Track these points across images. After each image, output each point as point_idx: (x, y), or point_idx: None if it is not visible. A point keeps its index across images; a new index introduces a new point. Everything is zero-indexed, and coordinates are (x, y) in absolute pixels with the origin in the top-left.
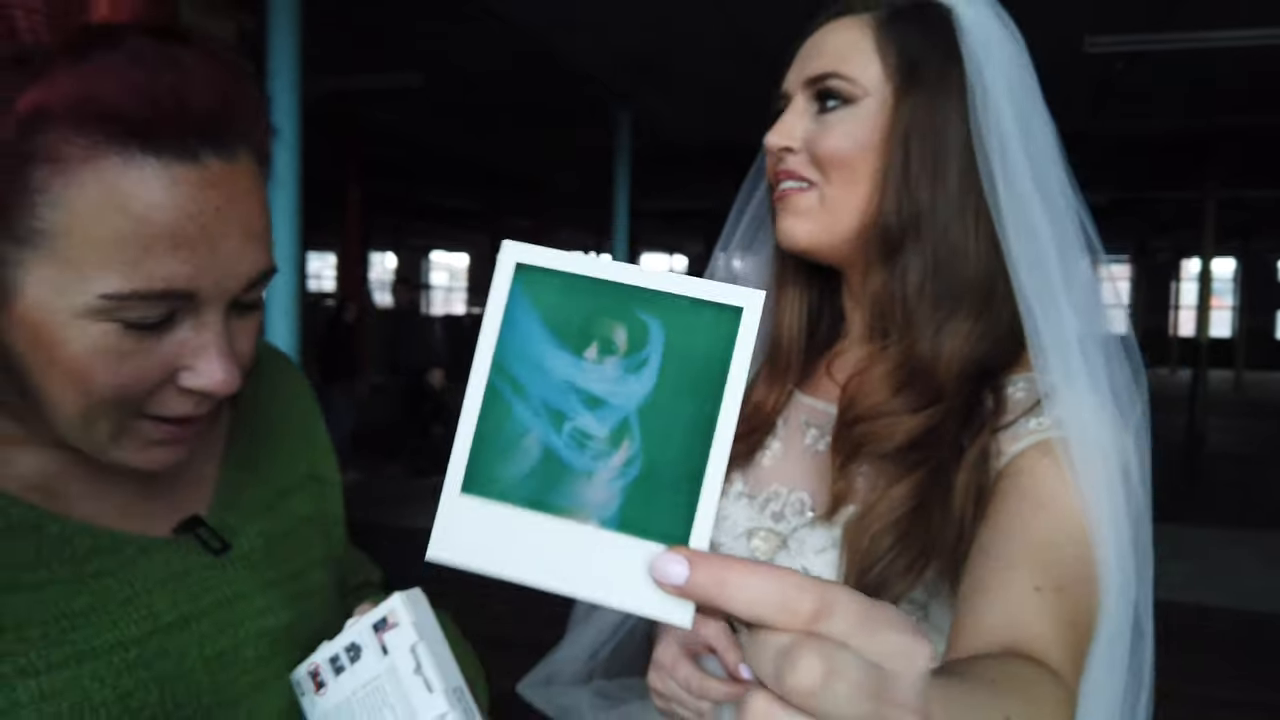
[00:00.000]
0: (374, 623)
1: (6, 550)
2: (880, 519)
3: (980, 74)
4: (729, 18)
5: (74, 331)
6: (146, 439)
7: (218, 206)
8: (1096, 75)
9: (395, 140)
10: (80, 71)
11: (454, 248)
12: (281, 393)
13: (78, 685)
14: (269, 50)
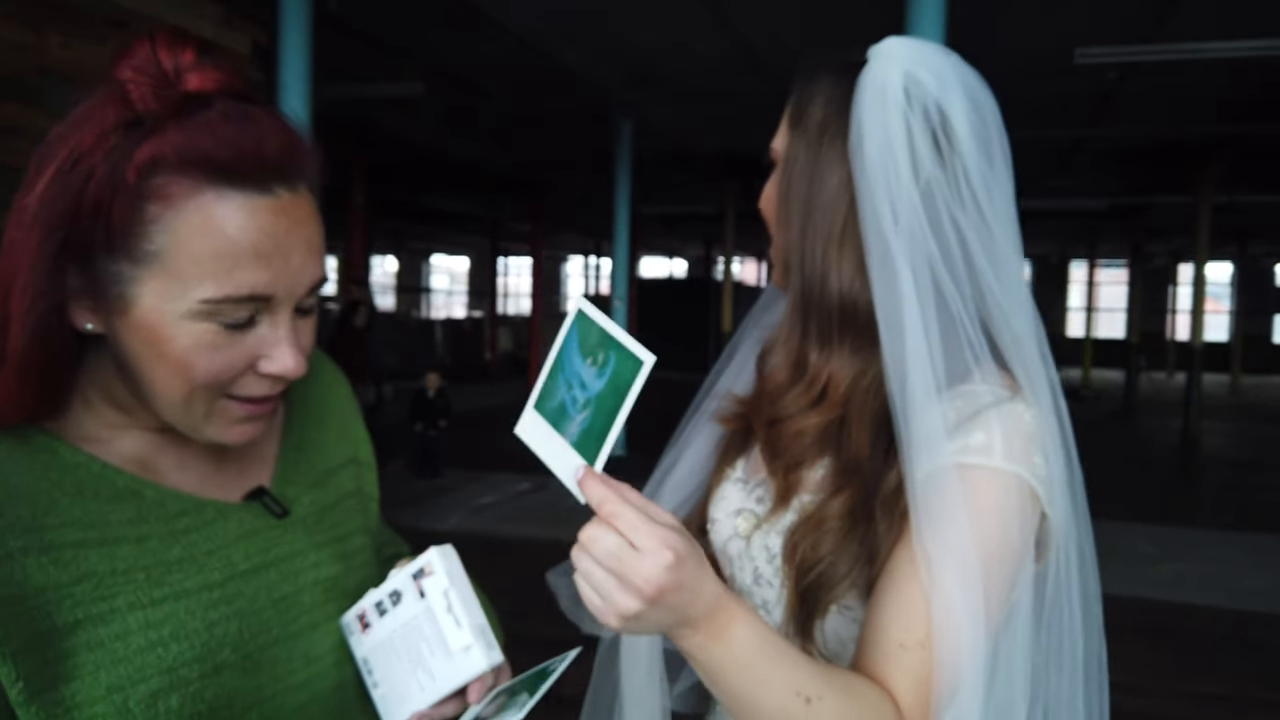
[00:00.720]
0: (413, 572)
1: (116, 510)
2: (819, 526)
3: (859, 119)
4: (730, 29)
5: (179, 330)
6: (231, 418)
7: (287, 228)
8: (1091, 85)
9: (398, 146)
10: (184, 128)
11: (455, 251)
12: (326, 386)
13: (175, 617)
14: (281, 63)
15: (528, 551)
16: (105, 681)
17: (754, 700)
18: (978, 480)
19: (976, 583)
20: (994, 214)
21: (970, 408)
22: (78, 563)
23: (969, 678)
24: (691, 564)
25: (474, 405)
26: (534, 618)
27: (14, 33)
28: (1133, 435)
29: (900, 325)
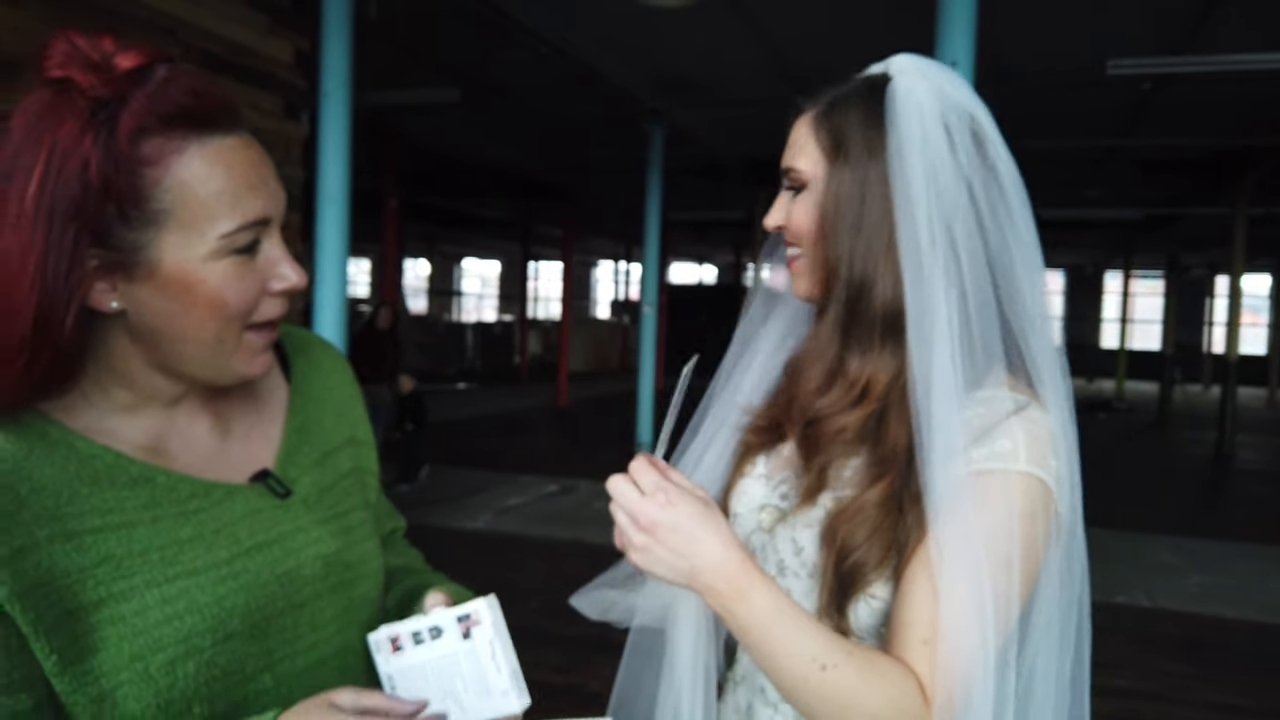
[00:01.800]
0: (458, 615)
1: (131, 497)
2: (855, 515)
3: (898, 135)
4: (762, 38)
5: (206, 272)
6: (251, 349)
7: (259, 159)
8: (1124, 96)
9: (432, 151)
10: (148, 94)
11: (486, 255)
12: (327, 373)
13: (188, 593)
14: (322, 70)
15: (554, 552)
16: (128, 652)
17: (775, 662)
18: (1006, 484)
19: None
20: (1023, 219)
21: (993, 414)
22: (98, 547)
23: (982, 674)
24: (689, 512)
25: (504, 408)
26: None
27: None
28: (1166, 447)
29: (930, 335)
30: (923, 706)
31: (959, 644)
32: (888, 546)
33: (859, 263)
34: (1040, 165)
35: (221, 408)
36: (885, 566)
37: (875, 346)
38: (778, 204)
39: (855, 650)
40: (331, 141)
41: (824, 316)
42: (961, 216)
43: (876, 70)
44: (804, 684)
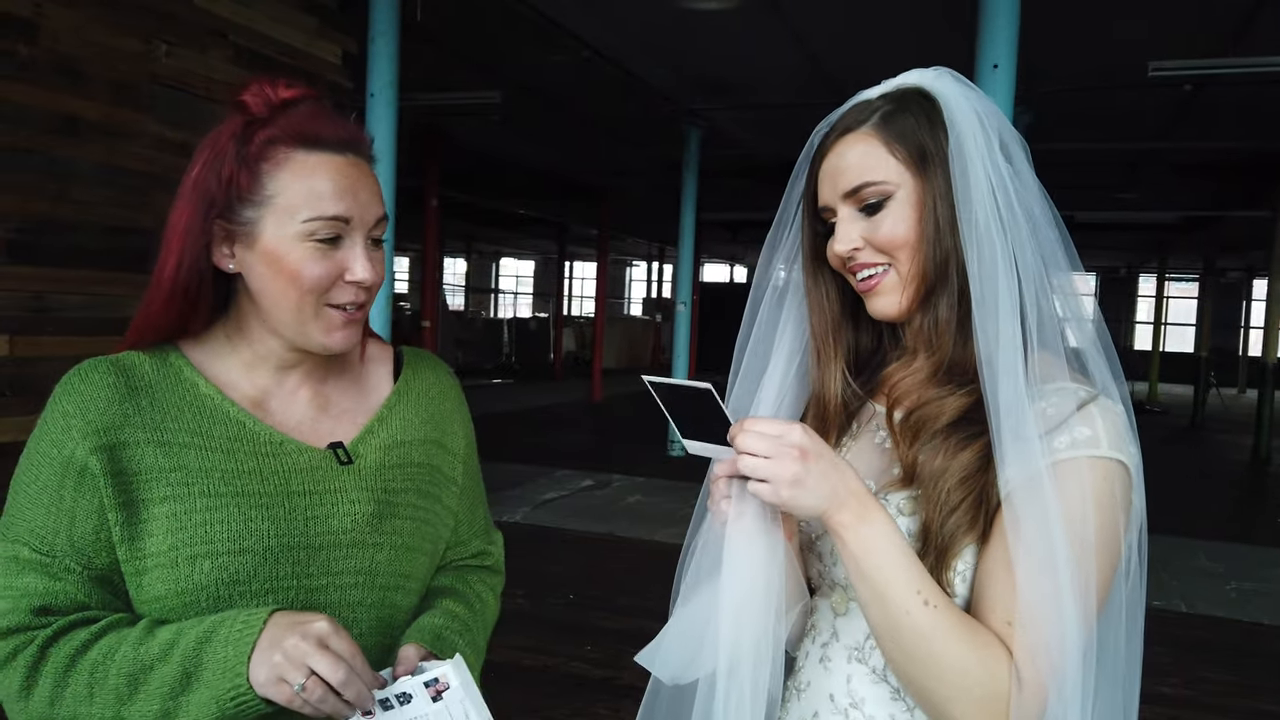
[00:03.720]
0: (425, 681)
1: (220, 429)
2: (953, 477)
3: (958, 137)
4: (800, 43)
5: (291, 249)
6: (331, 323)
7: (355, 176)
8: (1164, 98)
9: (473, 152)
10: (287, 117)
11: (522, 254)
12: (430, 383)
13: (224, 508)
14: (369, 72)
15: (589, 545)
16: (166, 543)
17: (884, 587)
18: (1093, 470)
19: (1082, 569)
20: (1047, 222)
21: (1067, 404)
22: (179, 456)
23: (1071, 664)
24: (821, 440)
25: (540, 404)
26: (594, 609)
27: (126, 43)
28: (1201, 452)
29: (995, 316)
30: (1009, 681)
31: (1041, 632)
32: (976, 512)
33: (961, 255)
34: (1075, 168)
35: (326, 389)
36: (974, 534)
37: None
38: (845, 227)
39: (956, 605)
40: (378, 142)
41: (922, 320)
42: (1008, 213)
43: (895, 85)
44: (906, 617)
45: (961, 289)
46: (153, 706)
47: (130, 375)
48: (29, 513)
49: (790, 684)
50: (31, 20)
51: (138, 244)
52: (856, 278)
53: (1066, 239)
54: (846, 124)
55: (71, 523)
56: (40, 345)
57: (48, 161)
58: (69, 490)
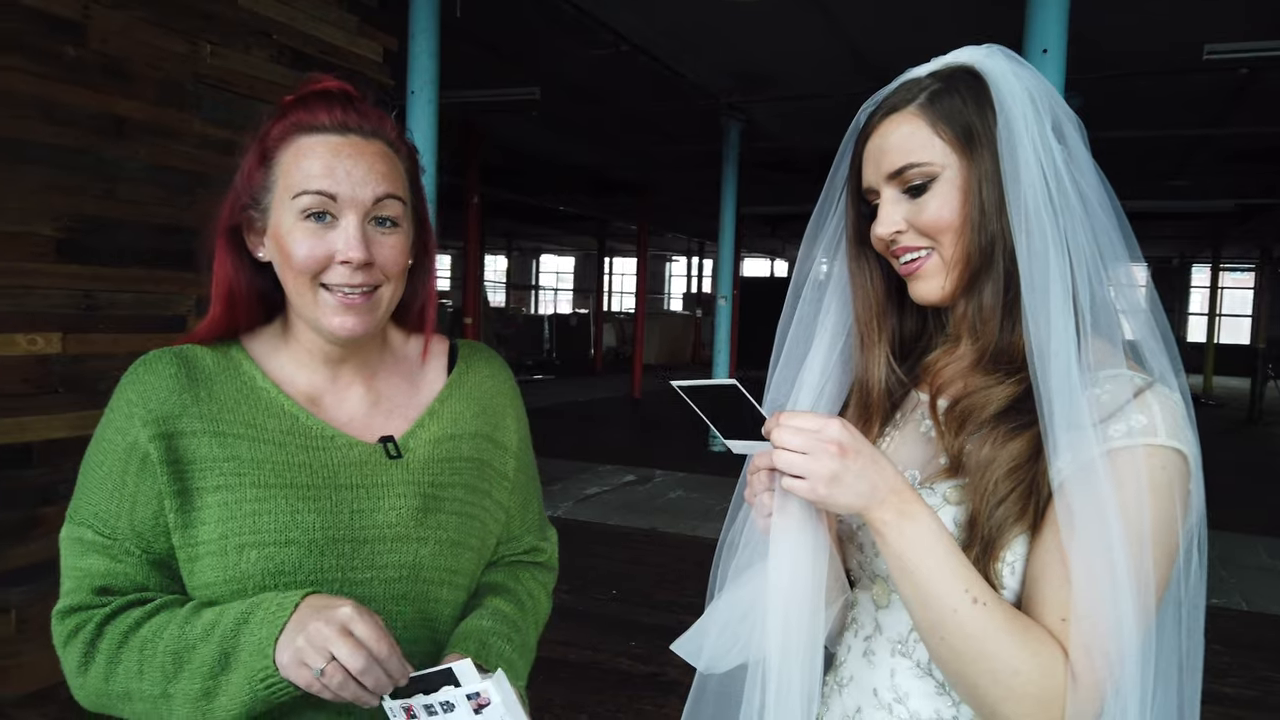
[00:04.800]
0: (467, 693)
1: (274, 423)
2: (1001, 467)
3: (1007, 117)
4: (840, 33)
5: (288, 229)
6: (331, 307)
7: (350, 154)
8: (1219, 82)
9: (512, 149)
10: (297, 111)
11: (562, 250)
12: (483, 377)
13: (273, 500)
14: (409, 70)
15: (631, 540)
16: (217, 531)
17: (929, 585)
18: (1149, 459)
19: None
20: (1102, 206)
21: (1122, 390)
22: (233, 447)
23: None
24: (859, 434)
25: (580, 399)
26: (638, 604)
27: (172, 43)
28: (1259, 445)
29: (1046, 301)
30: (1064, 679)
31: (1096, 627)
32: (1026, 503)
33: (1009, 239)
34: (1126, 155)
35: (378, 384)
36: (1023, 524)
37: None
38: (889, 209)
39: (1006, 602)
40: (418, 139)
41: (967, 305)
42: (1060, 196)
43: (944, 63)
44: (953, 616)
45: (1008, 274)
46: (195, 685)
47: (192, 366)
48: (94, 496)
49: (831, 679)
50: (79, 22)
51: (184, 242)
52: (899, 261)
53: (1124, 223)
54: (892, 103)
55: (133, 508)
56: (91, 342)
57: (96, 161)
58: (131, 476)
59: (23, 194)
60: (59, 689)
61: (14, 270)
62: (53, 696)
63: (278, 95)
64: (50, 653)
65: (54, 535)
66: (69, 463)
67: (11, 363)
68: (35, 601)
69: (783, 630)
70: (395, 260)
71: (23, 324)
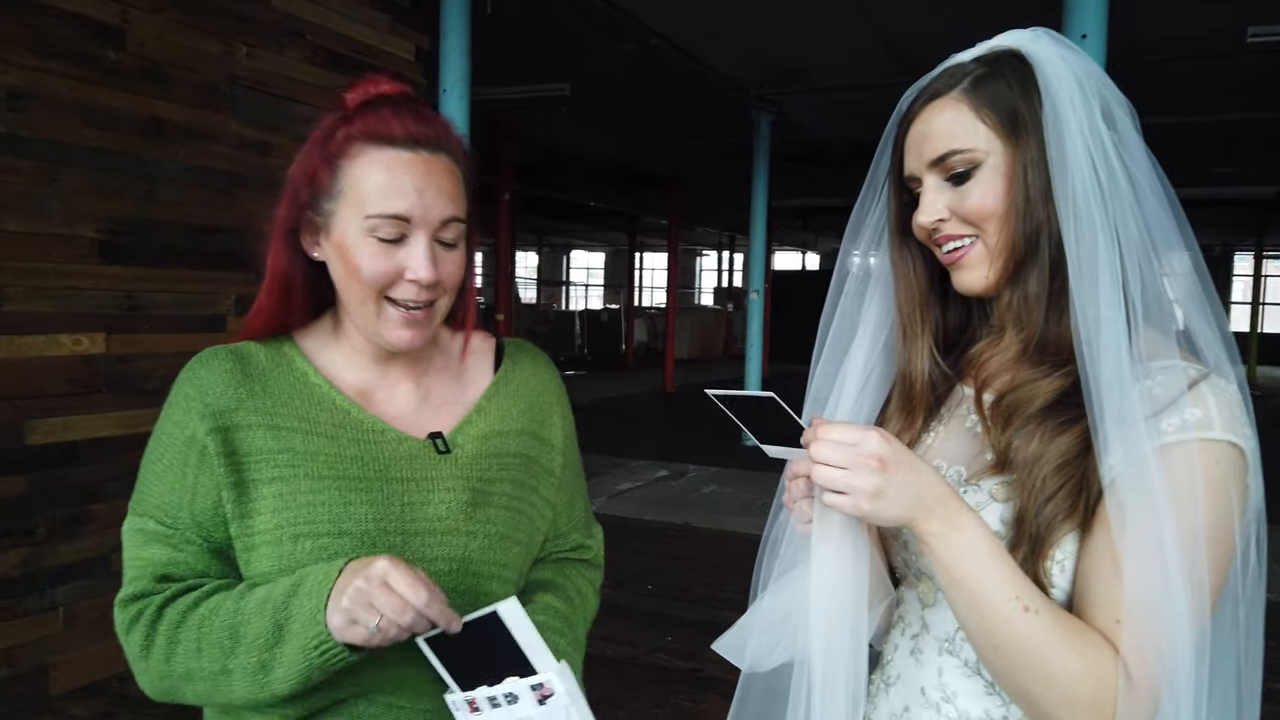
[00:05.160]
0: (531, 684)
1: (327, 416)
2: (1049, 463)
3: (1053, 102)
4: (872, 22)
5: (355, 243)
6: (394, 321)
7: (423, 174)
8: (1263, 65)
9: (541, 144)
10: (364, 116)
11: (592, 246)
12: (529, 375)
13: (327, 492)
14: (441, 68)
15: (666, 536)
16: (272, 521)
17: (979, 595)
18: (1204, 454)
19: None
20: (1154, 192)
21: (1176, 383)
22: (287, 440)
23: (1180, 662)
24: (900, 444)
25: (613, 394)
26: (675, 600)
27: (208, 46)
28: None
29: (1094, 290)
30: (1118, 683)
31: (1150, 628)
32: (1076, 500)
33: (1055, 226)
34: (1167, 142)
35: (427, 380)
36: (1073, 522)
37: (1069, 308)
38: (931, 197)
39: (1057, 606)
40: None
41: (1011, 295)
42: (1109, 183)
43: (988, 47)
44: (1005, 625)
45: (1055, 263)
46: (252, 659)
47: (246, 362)
48: (155, 489)
49: (877, 677)
50: (119, 27)
51: (223, 242)
52: (942, 250)
53: (1178, 210)
54: (935, 89)
55: (193, 498)
56: (134, 342)
57: (136, 163)
58: (191, 469)
59: (66, 197)
60: (108, 683)
61: (59, 272)
62: (102, 690)
63: (313, 95)
64: (98, 647)
65: (101, 532)
66: (115, 461)
67: (57, 363)
68: (83, 598)
69: (826, 636)
70: (456, 275)
71: (68, 325)
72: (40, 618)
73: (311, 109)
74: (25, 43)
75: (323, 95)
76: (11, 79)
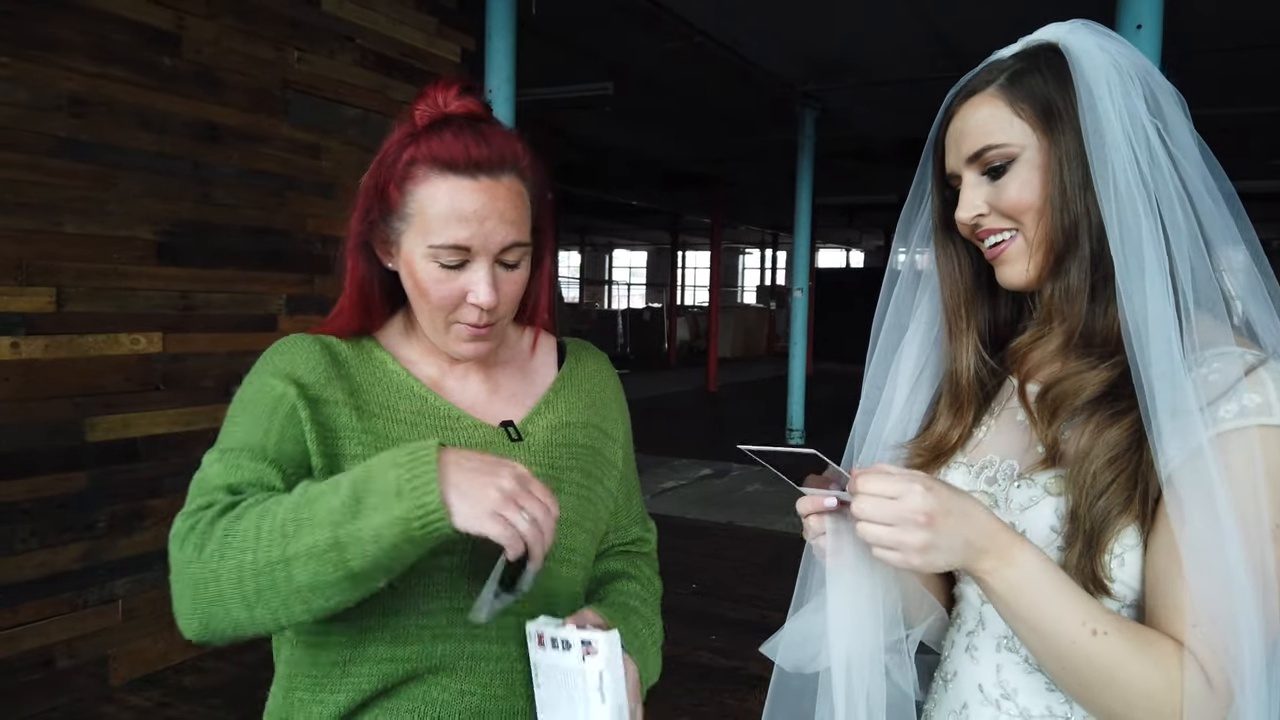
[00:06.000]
0: (582, 639)
1: (406, 403)
2: (1100, 457)
3: (1090, 92)
4: (921, 15)
5: (420, 267)
6: (460, 336)
7: (484, 202)
8: None
9: (584, 143)
10: (429, 138)
11: (634, 245)
12: (591, 371)
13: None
14: (487, 69)
15: (709, 535)
16: None
17: (1043, 626)
18: (1264, 440)
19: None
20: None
21: (1232, 369)
22: (369, 421)
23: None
24: (944, 490)
25: (655, 393)
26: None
27: (261, 50)
28: None
29: (1141, 279)
30: (1200, 692)
31: (1220, 629)
32: (1131, 493)
33: (1095, 217)
34: (1227, 134)
35: (495, 373)
36: (1130, 515)
37: (1114, 297)
38: (970, 193)
39: (1125, 621)
40: None
41: (1053, 287)
42: (1153, 172)
43: (1028, 43)
44: (1073, 648)
45: (1095, 254)
46: (321, 536)
47: (331, 349)
48: (238, 433)
49: (936, 674)
50: (175, 33)
51: (274, 243)
52: (985, 245)
53: (1232, 200)
54: (972, 86)
55: (280, 441)
56: (189, 342)
57: (192, 167)
58: (279, 419)
59: (125, 200)
60: (164, 674)
61: (118, 273)
62: (158, 682)
63: (362, 98)
64: (155, 639)
65: (159, 527)
66: (173, 457)
67: (116, 362)
68: (141, 591)
69: (845, 671)
70: (515, 295)
71: (126, 324)
72: (100, 610)
73: (361, 111)
74: (86, 50)
75: (372, 98)
76: (73, 85)
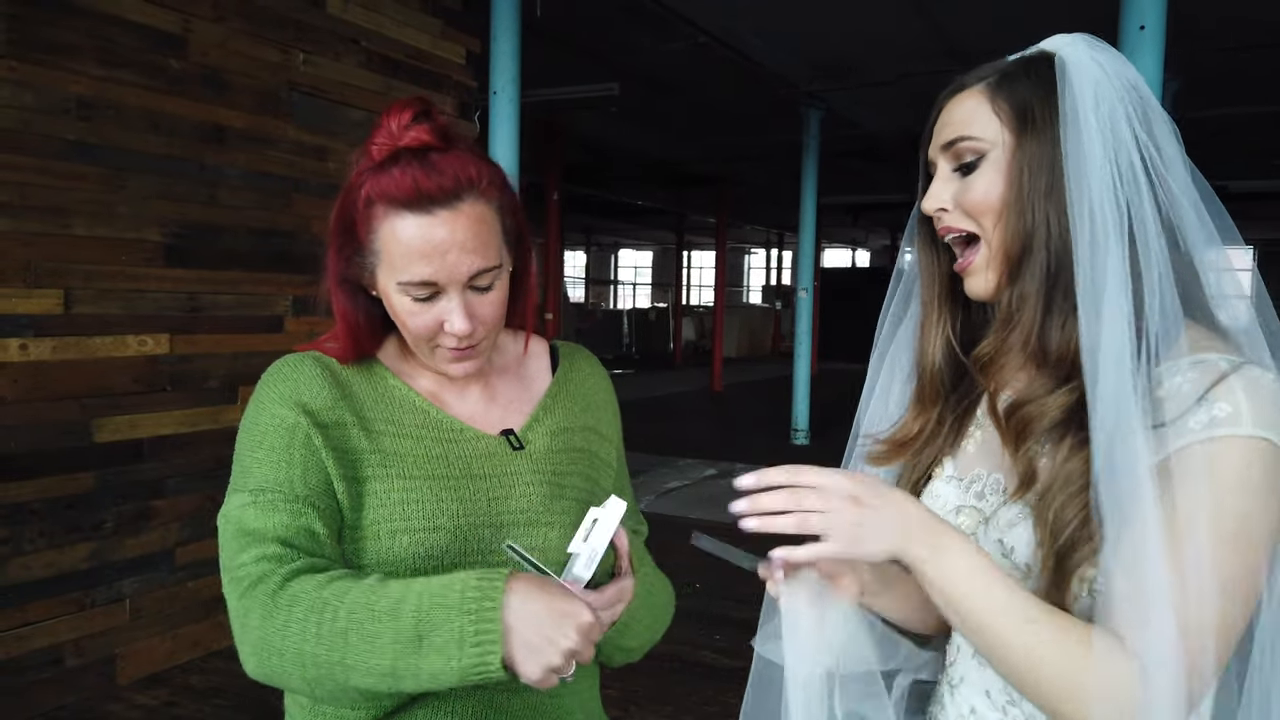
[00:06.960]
0: (594, 518)
1: (410, 418)
2: (1061, 492)
3: (1074, 104)
4: (926, 16)
5: (395, 300)
6: (446, 357)
7: (442, 237)
8: None
9: (589, 144)
10: (379, 177)
11: (639, 245)
12: (585, 375)
13: (418, 489)
14: (492, 71)
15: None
16: (371, 517)
17: (979, 619)
18: (1229, 451)
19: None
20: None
21: (1207, 377)
22: (379, 441)
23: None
24: (873, 480)
25: (660, 393)
26: (724, 599)
27: (266, 53)
28: None
29: (1100, 298)
30: (1135, 683)
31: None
32: (1093, 524)
33: (1055, 227)
34: (1230, 134)
35: (492, 381)
36: (1094, 544)
37: (1073, 316)
38: (938, 185)
39: (1059, 612)
40: (501, 139)
41: (1011, 298)
42: (1131, 185)
43: (1029, 51)
44: (1012, 639)
45: (1054, 266)
46: (381, 661)
47: (331, 367)
48: (259, 469)
49: (943, 678)
50: (181, 36)
51: (280, 245)
52: (948, 240)
53: (1217, 213)
54: (963, 82)
55: (304, 473)
56: (196, 343)
57: (199, 169)
58: (298, 449)
59: (133, 202)
60: (170, 674)
61: (126, 275)
62: (165, 680)
63: (367, 100)
64: (162, 638)
65: (164, 527)
66: (180, 458)
67: (123, 363)
68: (148, 590)
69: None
70: (495, 314)
71: (134, 326)
72: (107, 609)
73: (367, 113)
74: (93, 53)
75: (377, 100)
76: (81, 88)
